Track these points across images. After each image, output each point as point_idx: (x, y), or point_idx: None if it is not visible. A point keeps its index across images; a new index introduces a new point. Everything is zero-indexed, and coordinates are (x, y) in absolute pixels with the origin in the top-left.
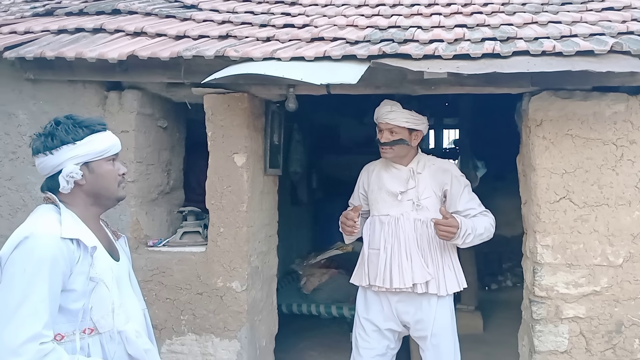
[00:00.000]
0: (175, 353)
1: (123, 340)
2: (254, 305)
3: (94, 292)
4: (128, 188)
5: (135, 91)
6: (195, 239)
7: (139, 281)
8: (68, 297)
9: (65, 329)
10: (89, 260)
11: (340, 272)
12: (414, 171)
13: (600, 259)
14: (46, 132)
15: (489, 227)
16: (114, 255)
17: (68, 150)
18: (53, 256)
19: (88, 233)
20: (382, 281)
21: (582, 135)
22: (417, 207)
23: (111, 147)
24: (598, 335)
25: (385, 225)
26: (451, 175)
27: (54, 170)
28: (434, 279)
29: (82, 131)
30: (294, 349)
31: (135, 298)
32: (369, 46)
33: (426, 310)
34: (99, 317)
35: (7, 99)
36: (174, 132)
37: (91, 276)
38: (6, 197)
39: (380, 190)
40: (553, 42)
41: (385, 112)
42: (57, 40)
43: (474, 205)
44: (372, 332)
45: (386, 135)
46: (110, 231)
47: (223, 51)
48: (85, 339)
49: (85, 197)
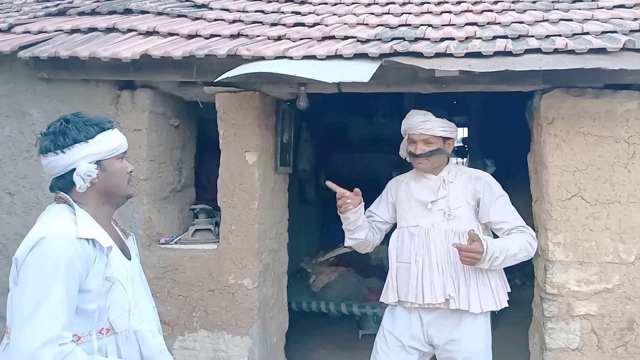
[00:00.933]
0: (188, 349)
1: (138, 340)
2: (265, 302)
3: (111, 292)
4: (140, 186)
5: (147, 90)
6: (207, 237)
7: (151, 278)
8: (84, 298)
9: (81, 329)
10: (105, 260)
11: (349, 270)
12: (445, 180)
13: (612, 257)
14: (56, 130)
15: (526, 246)
16: (126, 254)
17: (81, 149)
18: (69, 257)
19: (103, 233)
20: (414, 296)
21: (594, 133)
22: (449, 217)
23: (121, 145)
24: (610, 333)
25: (415, 237)
26: (483, 182)
27: (66, 169)
28: (465, 294)
29: (93, 129)
30: (303, 346)
31: (147, 296)
32: (381, 44)
33: (458, 330)
34: (115, 317)
35: (21, 98)
36: (186, 131)
37: (107, 276)
38: (20, 195)
39: (410, 200)
40: (565, 39)
41: (419, 122)
42: (70, 39)
43: (507, 218)
44: (395, 347)
45: (421, 147)
46: (120, 229)
47: (235, 50)
48: (102, 339)
49: (96, 196)
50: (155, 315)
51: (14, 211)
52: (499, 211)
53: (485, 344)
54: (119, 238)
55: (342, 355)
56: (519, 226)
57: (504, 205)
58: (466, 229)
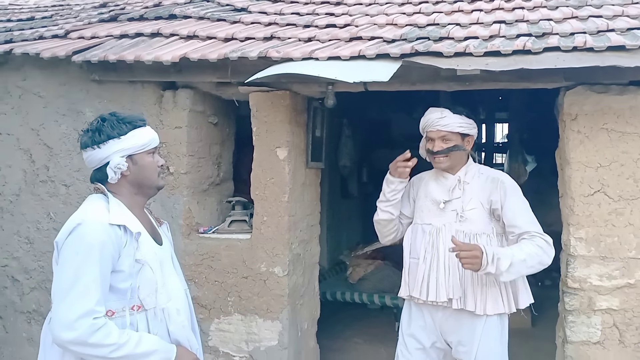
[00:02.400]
0: (223, 332)
1: (165, 317)
2: (295, 290)
3: (140, 273)
4: (181, 179)
5: (187, 90)
6: (242, 227)
7: (190, 264)
8: (117, 278)
9: (115, 306)
10: (135, 244)
11: (386, 264)
12: (461, 180)
13: (635, 252)
14: (93, 128)
15: (537, 251)
16: (157, 240)
17: (114, 144)
18: (102, 241)
19: (133, 220)
20: (419, 292)
21: (618, 129)
22: (461, 218)
23: (151, 140)
24: (632, 327)
25: (426, 234)
26: (499, 183)
27: (101, 162)
28: (472, 296)
29: (126, 127)
30: (341, 336)
31: (178, 279)
32: (403, 45)
33: (469, 331)
34: (145, 296)
35: (76, 98)
36: (224, 128)
37: (137, 258)
38: (75, 187)
39: (426, 199)
40: (585, 37)
41: (436, 118)
42: (119, 44)
43: (519, 222)
44: (416, 350)
45: (439, 144)
46: (154, 218)
47: (265, 52)
48: (134, 314)
49: (129, 187)
50: (185, 296)
51: (70, 201)
52: (512, 214)
53: (499, 346)
54: (151, 225)
55: (377, 345)
56: (530, 231)
57: (518, 208)
58: (478, 231)
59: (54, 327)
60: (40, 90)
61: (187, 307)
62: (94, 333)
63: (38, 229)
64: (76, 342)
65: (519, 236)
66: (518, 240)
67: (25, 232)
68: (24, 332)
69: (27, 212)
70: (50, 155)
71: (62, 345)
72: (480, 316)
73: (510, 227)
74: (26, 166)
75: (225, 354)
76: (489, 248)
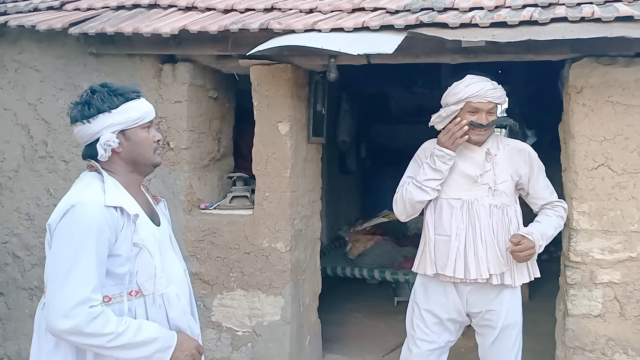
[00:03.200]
0: (226, 307)
1: (165, 303)
2: (297, 265)
3: (138, 257)
4: (181, 155)
5: (187, 63)
6: (244, 203)
7: (192, 240)
8: (114, 262)
9: (112, 291)
10: (132, 227)
11: (385, 239)
12: (490, 152)
13: (637, 226)
14: (82, 100)
15: (559, 222)
16: (155, 220)
17: (104, 119)
18: (99, 224)
19: (130, 200)
20: (453, 271)
21: (623, 102)
22: (494, 192)
23: (146, 114)
24: (633, 300)
25: (456, 209)
26: (527, 155)
27: (92, 138)
28: (509, 270)
29: (117, 99)
30: (341, 310)
31: (177, 260)
32: (407, 16)
33: (499, 302)
34: (143, 281)
35: (73, 72)
36: (224, 102)
37: (134, 242)
38: (74, 162)
39: (452, 173)
40: (592, 7)
41: (489, 89)
42: (116, 16)
43: (544, 193)
44: (433, 324)
45: (486, 116)
46: (151, 196)
47: (267, 24)
48: (132, 300)
49: (124, 164)
50: (185, 278)
51: (69, 177)
52: (538, 186)
53: (520, 313)
54: (149, 204)
55: (377, 319)
56: (553, 201)
57: (543, 179)
58: (509, 203)
59: (48, 316)
60: (37, 64)
61: (188, 290)
62: (91, 322)
63: (38, 205)
64: (72, 331)
65: (542, 207)
66: (540, 209)
67: (25, 209)
68: (26, 308)
69: (26, 189)
70: (48, 131)
71: (57, 334)
72: (508, 287)
73: (535, 199)
74: (24, 142)
75: (228, 329)
76: (536, 235)
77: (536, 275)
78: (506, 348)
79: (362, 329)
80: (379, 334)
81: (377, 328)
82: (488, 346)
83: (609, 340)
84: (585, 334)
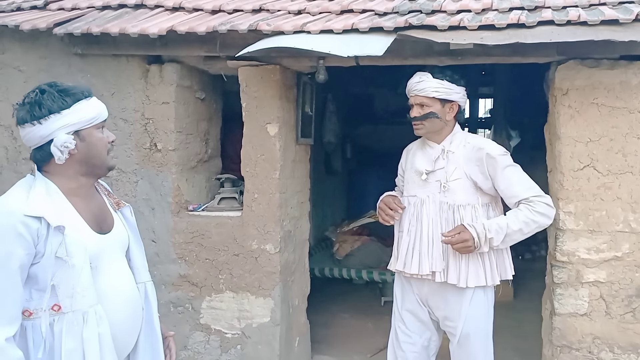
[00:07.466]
0: (215, 309)
1: (83, 322)
2: (286, 267)
3: (60, 271)
4: (169, 156)
5: (174, 64)
6: (232, 204)
7: (180, 242)
8: (37, 275)
9: (33, 305)
10: (59, 237)
11: (372, 239)
12: (445, 150)
13: (622, 226)
14: (31, 101)
15: (533, 217)
16: (104, 229)
17: (56, 120)
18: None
19: (60, 210)
20: (402, 265)
21: (608, 104)
22: (444, 189)
23: (99, 114)
24: (618, 299)
25: (411, 206)
26: (484, 154)
27: (43, 140)
28: (455, 269)
29: (69, 99)
30: (327, 311)
31: (126, 274)
32: (396, 18)
33: (457, 308)
34: (64, 297)
35: (57, 73)
36: (212, 104)
37: (57, 255)
38: None
39: (411, 170)
40: (579, 11)
41: (414, 83)
42: (102, 16)
43: (516, 190)
44: (412, 323)
45: (416, 110)
46: (112, 201)
47: (256, 25)
48: (53, 315)
49: (77, 167)
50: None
51: None
52: (506, 183)
53: (485, 320)
54: (100, 211)
55: (364, 319)
56: (528, 197)
57: (512, 176)
58: (463, 202)
59: None
60: (20, 65)
61: (138, 307)
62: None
63: None
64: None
65: (517, 204)
66: (518, 206)
67: None
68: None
69: None
70: None
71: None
72: (466, 291)
73: (508, 198)
74: (8, 143)
75: (217, 331)
76: (479, 227)
77: (506, 277)
78: (470, 356)
79: (349, 329)
80: (367, 335)
81: (364, 328)
82: (453, 352)
83: (595, 339)
84: (572, 333)
